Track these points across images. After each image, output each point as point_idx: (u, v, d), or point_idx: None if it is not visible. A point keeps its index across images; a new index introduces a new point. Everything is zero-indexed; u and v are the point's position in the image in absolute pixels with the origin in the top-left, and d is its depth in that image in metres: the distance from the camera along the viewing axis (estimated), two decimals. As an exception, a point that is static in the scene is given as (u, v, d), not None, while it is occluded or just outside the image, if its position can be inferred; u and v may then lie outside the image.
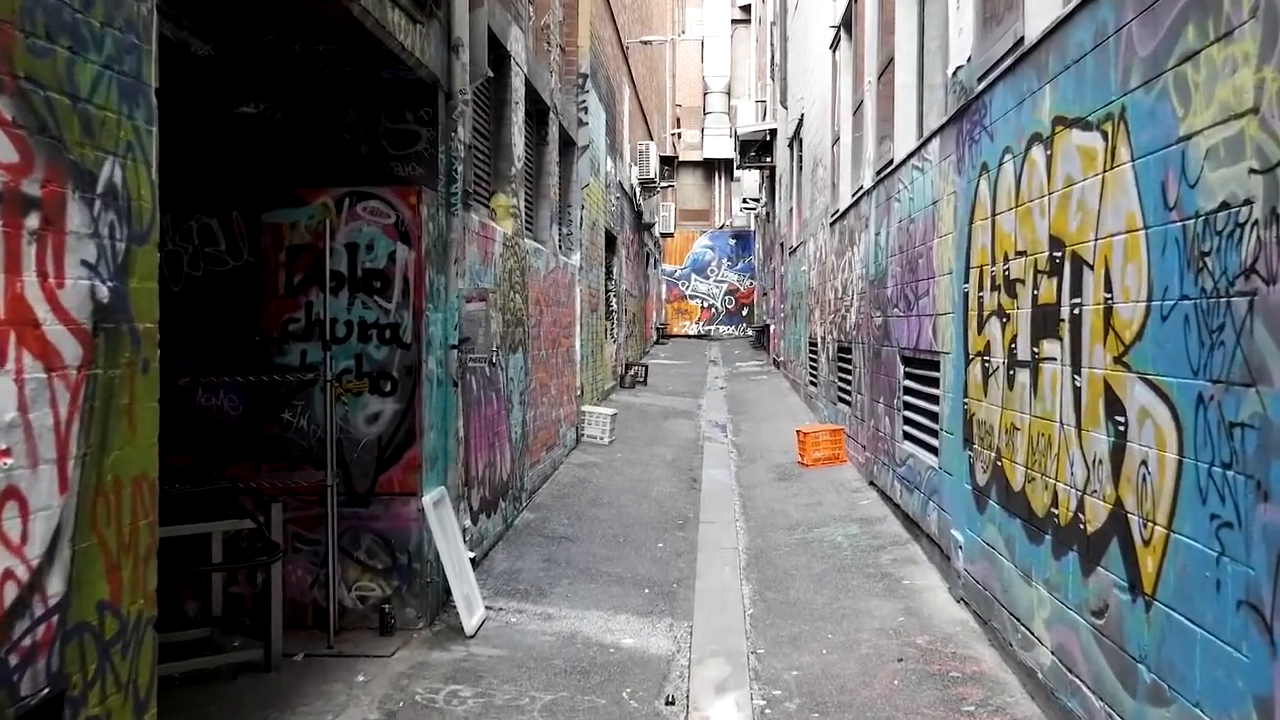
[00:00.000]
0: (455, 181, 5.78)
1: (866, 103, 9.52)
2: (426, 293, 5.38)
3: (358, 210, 5.30)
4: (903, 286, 7.62)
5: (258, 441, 5.31)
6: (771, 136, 22.76)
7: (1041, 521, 4.38)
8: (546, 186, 9.41)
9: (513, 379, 7.70)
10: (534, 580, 6.40)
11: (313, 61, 5.06)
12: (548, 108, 9.32)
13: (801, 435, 10.50)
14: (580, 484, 9.45)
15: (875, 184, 8.91)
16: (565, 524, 7.89)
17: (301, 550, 5.32)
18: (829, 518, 8.08)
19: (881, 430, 8.51)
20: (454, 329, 5.82)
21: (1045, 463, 4.34)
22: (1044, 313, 4.36)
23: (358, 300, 5.30)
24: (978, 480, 5.44)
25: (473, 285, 6.31)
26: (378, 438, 5.31)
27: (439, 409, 5.63)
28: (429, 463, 5.45)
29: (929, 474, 6.71)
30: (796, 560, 6.90)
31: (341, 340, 5.29)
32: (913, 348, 7.26)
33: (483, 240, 6.65)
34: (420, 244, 5.31)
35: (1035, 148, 4.49)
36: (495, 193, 7.55)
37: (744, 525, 8.02)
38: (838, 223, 11.68)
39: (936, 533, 6.43)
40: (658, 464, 10.69)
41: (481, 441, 6.67)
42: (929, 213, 6.73)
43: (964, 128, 5.76)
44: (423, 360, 5.33)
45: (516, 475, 7.86)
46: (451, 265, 5.77)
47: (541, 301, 9.07)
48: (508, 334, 7.48)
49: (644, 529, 7.87)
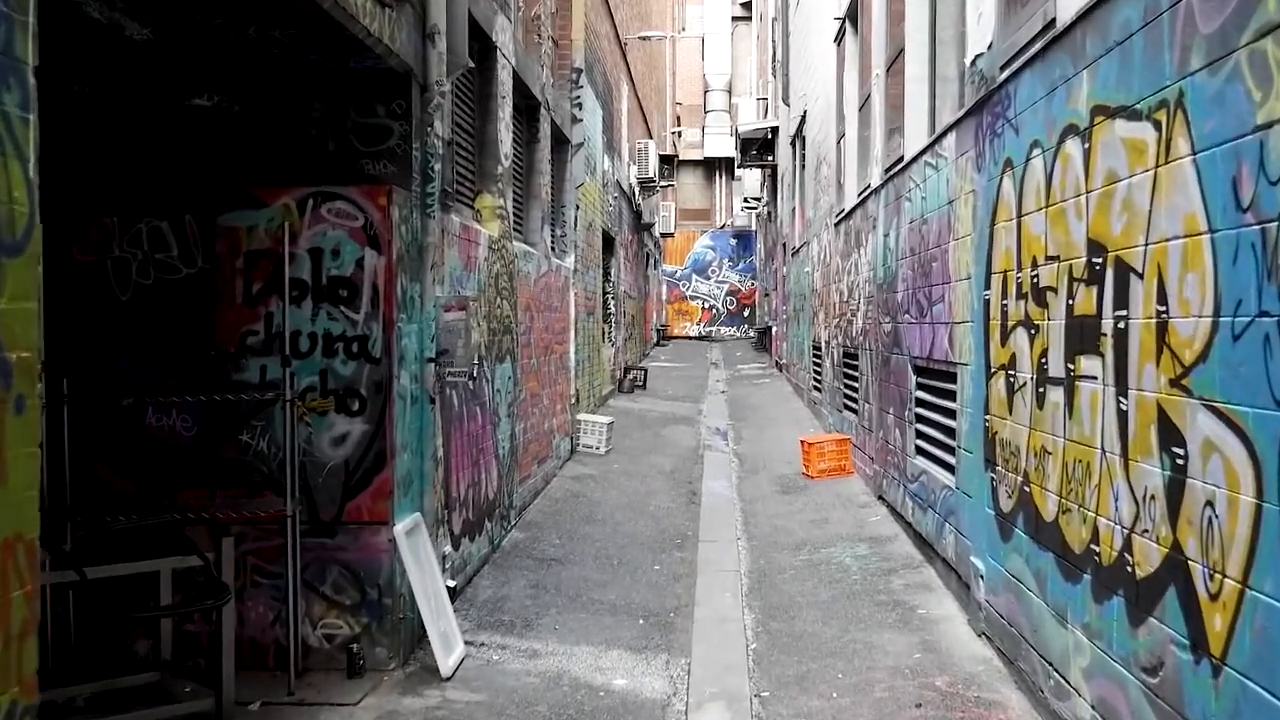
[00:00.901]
0: (432, 180, 5.33)
1: (874, 97, 9.06)
2: (398, 302, 4.93)
3: (322, 212, 4.84)
4: (914, 291, 7.16)
5: (213, 466, 4.86)
6: (773, 134, 22.29)
7: (1079, 559, 3.91)
8: (537, 186, 8.95)
9: (500, 391, 7.24)
10: (520, 610, 5.94)
11: (269, 49, 4.60)
12: (538, 103, 8.86)
13: (806, 446, 10.03)
14: (574, 499, 8.99)
15: (884, 182, 8.45)
16: (556, 544, 7.43)
17: (262, 585, 4.87)
18: (836, 536, 7.62)
19: (891, 443, 8.05)
20: (431, 341, 5.36)
21: (1083, 493, 3.88)
22: (1081, 325, 3.90)
23: (322, 311, 4.84)
24: (1002, 505, 4.98)
25: (453, 293, 5.85)
26: (345, 461, 4.85)
27: (413, 428, 5.17)
28: (402, 488, 4.99)
29: (944, 493, 6.24)
30: (802, 585, 6.44)
31: (305, 355, 4.84)
32: (926, 357, 6.79)
33: (465, 244, 6.20)
34: (391, 248, 4.85)
35: (1069, 141, 4.02)
36: (480, 193, 7.09)
37: (746, 544, 7.56)
38: (843, 223, 11.21)
39: (953, 557, 5.97)
40: (656, 476, 10.23)
41: (464, 460, 6.21)
42: (944, 213, 6.27)
43: (984, 121, 5.29)
44: (394, 376, 4.87)
45: (504, 493, 7.40)
46: (428, 271, 5.31)
47: (532, 307, 8.62)
48: (493, 343, 7.02)
49: (640, 549, 7.42)
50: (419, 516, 5.15)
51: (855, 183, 10.51)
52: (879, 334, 8.69)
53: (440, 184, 5.53)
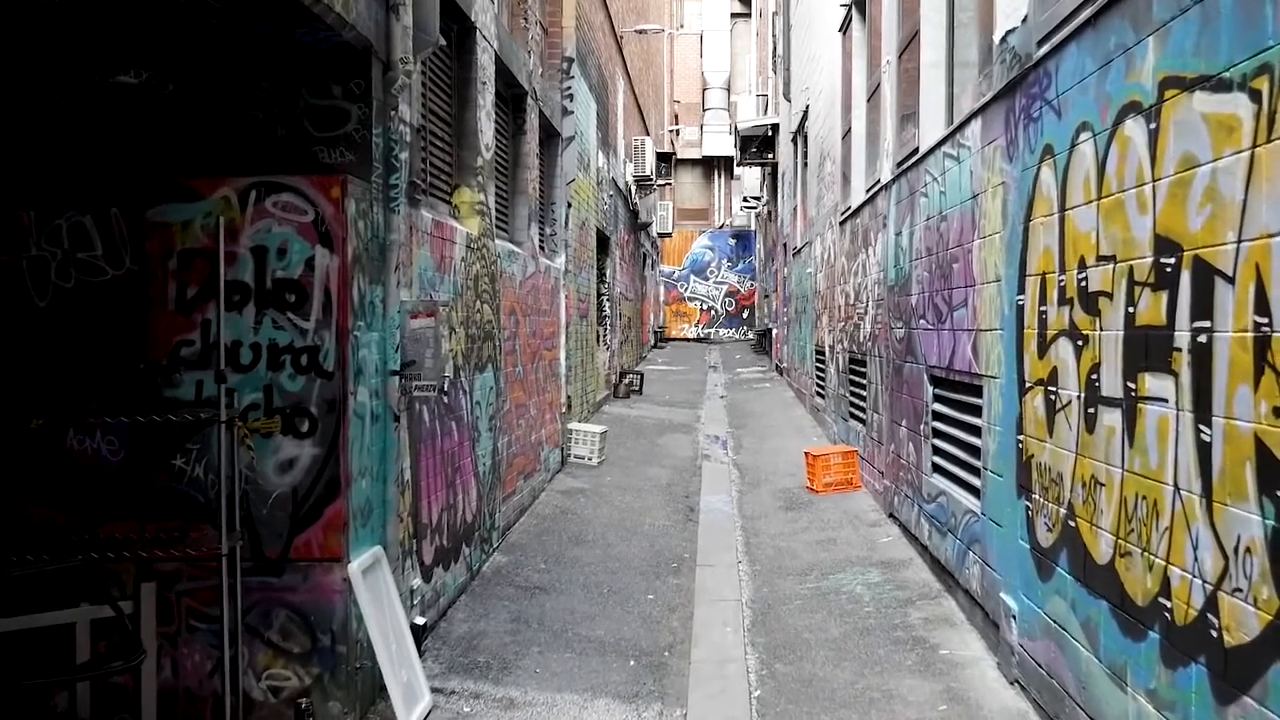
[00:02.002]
0: (396, 170, 4.74)
1: (884, 87, 8.47)
2: (355, 307, 4.34)
3: (267, 206, 4.25)
4: (931, 295, 6.57)
5: (143, 495, 4.26)
6: (774, 132, 21.71)
7: (1142, 612, 3.33)
8: (524, 181, 8.36)
9: (480, 403, 6.64)
10: (498, 649, 5.34)
11: (206, 19, 4.01)
12: (525, 92, 8.27)
13: (811, 458, 9.44)
14: (562, 516, 8.40)
15: (895, 177, 7.86)
16: (542, 569, 6.84)
17: (199, 630, 4.27)
18: (846, 560, 7.03)
19: (905, 458, 7.46)
20: (395, 351, 4.77)
21: (1148, 535, 3.30)
22: (1146, 338, 3.32)
23: (267, 318, 4.25)
24: (1039, 539, 4.39)
25: (423, 297, 5.26)
26: (292, 490, 4.26)
27: (374, 450, 4.58)
28: (359, 518, 4.40)
29: (968, 519, 5.66)
30: (810, 618, 5.85)
31: (246, 368, 4.24)
32: (945, 367, 6.21)
33: (438, 242, 5.60)
34: (346, 246, 4.26)
35: (1130, 121, 3.44)
36: (458, 187, 6.50)
37: (748, 569, 6.97)
38: (849, 221, 10.63)
39: (979, 591, 5.38)
40: (651, 489, 9.64)
41: (436, 482, 5.62)
42: (967, 209, 5.69)
43: (1018, 104, 4.71)
44: (349, 391, 4.28)
45: (485, 514, 6.81)
46: (392, 273, 4.72)
47: (518, 311, 8.03)
48: (472, 351, 6.43)
49: (632, 574, 6.82)
50: (380, 550, 4.56)
51: (863, 179, 9.92)
52: (890, 340, 8.10)
53: (407, 175, 4.94)
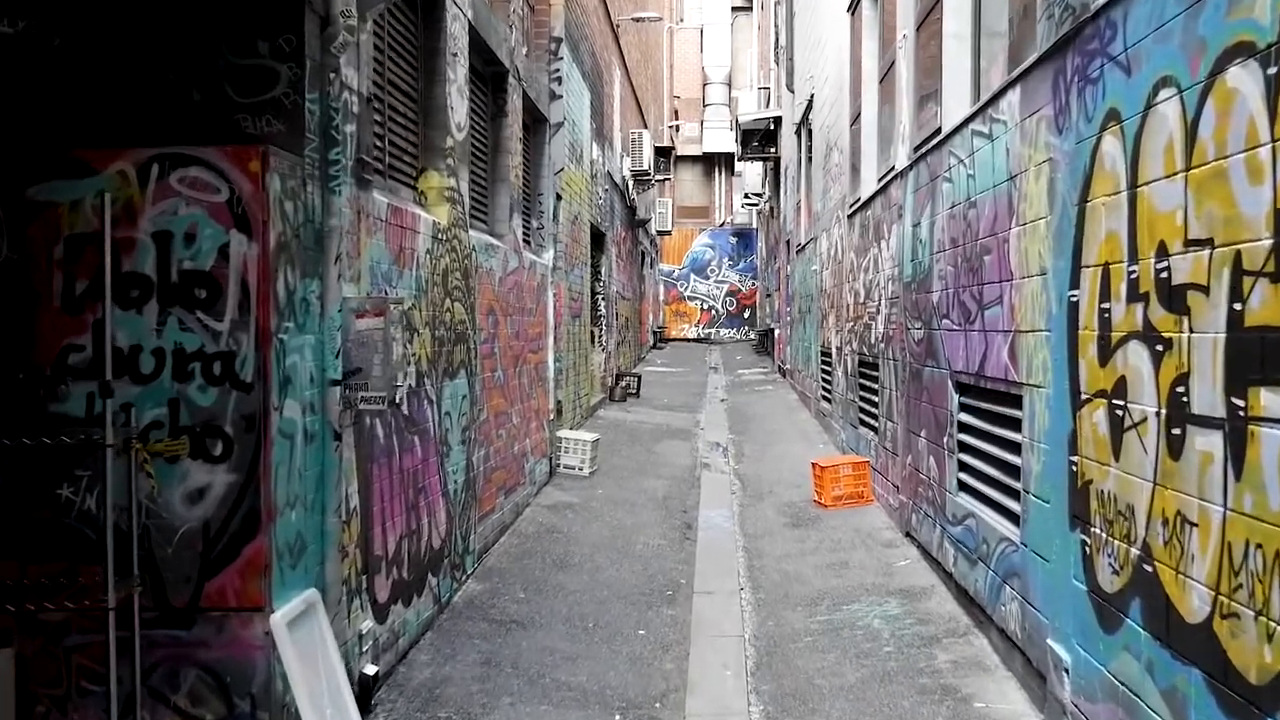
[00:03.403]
0: (338, 145, 4.02)
1: (899, 65, 7.75)
2: (280, 305, 3.62)
3: (172, 182, 3.53)
4: (957, 292, 5.85)
5: (23, 530, 3.54)
6: (776, 125, 20.98)
7: (1258, 693, 2.61)
8: (505, 168, 7.64)
9: (450, 413, 5.92)
10: (463, 700, 4.63)
11: (94, -47, 3.29)
12: (506, 70, 7.55)
13: (819, 469, 8.71)
14: (548, 535, 7.68)
15: (913, 162, 7.14)
16: (520, 599, 6.12)
17: (93, 692, 3.56)
18: (860, 587, 6.30)
19: (925, 472, 6.74)
20: (335, 357, 4.05)
21: (1265, 595, 2.58)
22: (1262, 341, 2.60)
23: (172, 318, 3.53)
24: (1101, 581, 3.67)
25: (376, 292, 4.54)
26: (204, 525, 3.54)
27: (308, 474, 3.86)
28: (287, 557, 3.68)
29: (1004, 547, 4.94)
30: (822, 659, 5.14)
31: (147, 378, 3.53)
32: (974, 373, 5.48)
33: (396, 230, 4.89)
34: (268, 231, 3.55)
35: (1236, 69, 2.72)
36: (425, 170, 5.78)
37: (750, 597, 6.25)
38: (859, 214, 9.90)
39: (1018, 632, 4.66)
40: (645, 504, 8.92)
41: (394, 506, 4.90)
42: (1001, 192, 4.97)
43: (1070, 65, 3.99)
44: (273, 406, 3.56)
45: (456, 537, 6.09)
46: (332, 264, 4.00)
47: (498, 310, 7.31)
48: (440, 355, 5.71)
49: (622, 605, 6.10)
50: (314, 594, 3.84)
51: (874, 167, 9.20)
52: (906, 342, 7.38)
53: (353, 151, 4.23)
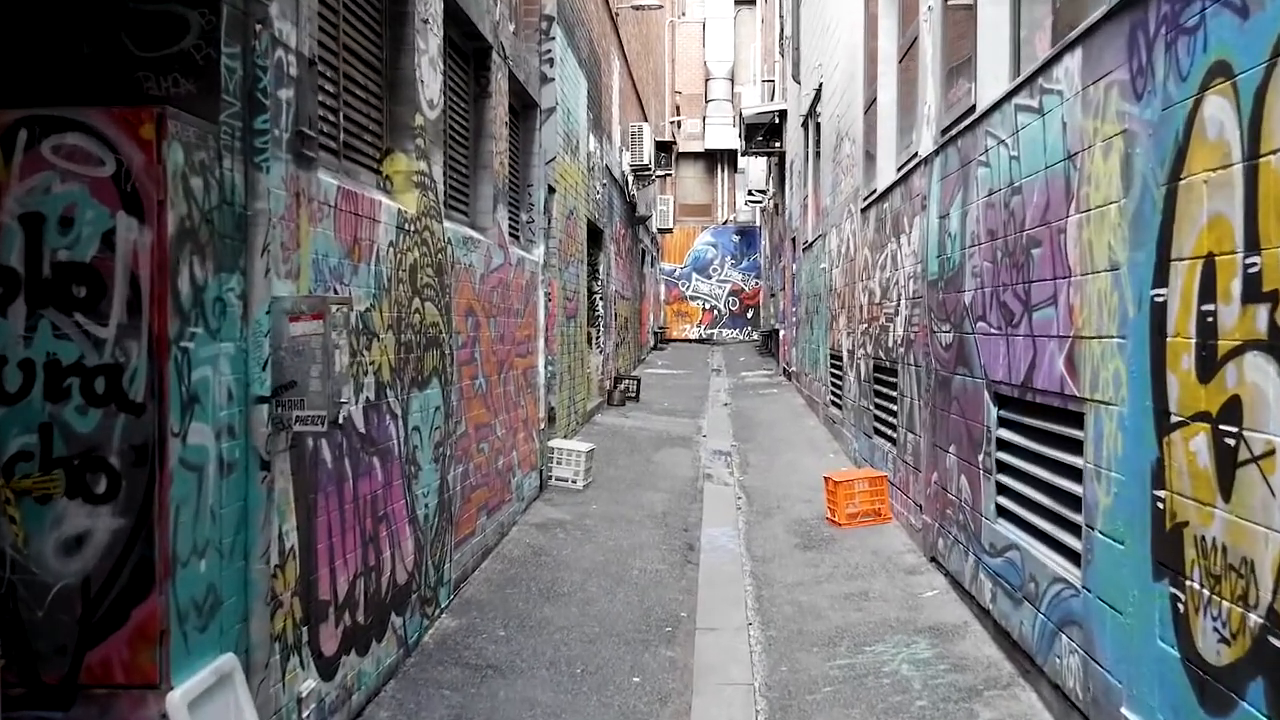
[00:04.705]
0: (265, 112, 3.32)
1: (923, 40, 7.04)
2: (183, 306, 2.92)
3: (45, 152, 2.83)
4: (996, 291, 5.15)
5: None
6: (781, 119, 20.27)
7: None
8: (488, 154, 6.93)
9: (419, 429, 5.22)
10: (424, 771, 3.93)
11: None
12: (489, 46, 6.84)
13: (832, 484, 8.01)
14: (535, 559, 6.97)
15: (940, 147, 6.43)
16: (500, 638, 5.41)
17: (-53, 788, 2.86)
18: (883, 624, 5.59)
19: (954, 492, 6.03)
20: (262, 369, 3.35)
21: None
22: None
23: (44, 322, 2.83)
24: (1202, 649, 2.97)
25: (322, 290, 3.84)
26: (83, 582, 2.84)
27: (227, 513, 3.16)
28: (192, 618, 2.98)
29: (1059, 590, 4.23)
30: (846, 716, 4.43)
31: (14, 398, 2.83)
32: (1019, 384, 4.78)
33: (349, 218, 4.18)
34: (165, 214, 2.84)
35: None
36: (390, 152, 5.08)
37: (760, 634, 5.54)
38: (874, 207, 9.19)
39: (1079, 692, 3.95)
40: (644, 521, 8.21)
41: (347, 540, 4.19)
42: (1056, 174, 4.26)
43: (1154, 14, 3.29)
44: (171, 432, 2.86)
45: (427, 568, 5.38)
46: (258, 256, 3.30)
47: (479, 310, 6.60)
48: (407, 362, 5.01)
49: (615, 643, 5.40)
50: (231, 660, 3.13)
51: (892, 156, 8.49)
52: (931, 346, 6.67)
53: (290, 121, 3.53)
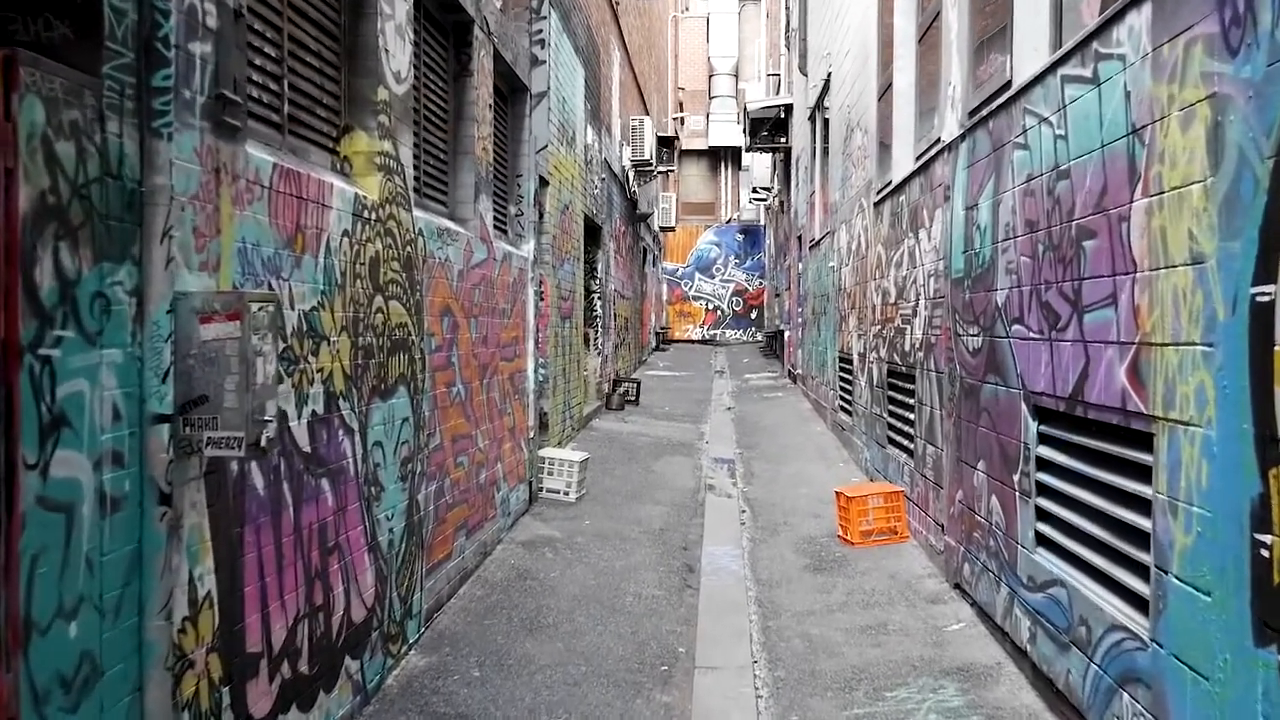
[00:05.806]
0: (166, 66, 2.71)
1: (947, 16, 6.42)
2: (44, 303, 2.31)
3: None
4: (1036, 289, 4.53)
5: None
6: (786, 114, 19.66)
7: None
8: (469, 138, 6.32)
9: (381, 443, 4.61)
10: None
11: None
12: (471, 20, 6.23)
13: (844, 499, 7.39)
14: (519, 583, 6.36)
15: (967, 130, 5.81)
16: (474, 679, 4.80)
17: None
18: (905, 663, 4.98)
19: (983, 515, 5.41)
20: (162, 381, 2.74)
21: None
22: None
23: None
24: (1330, 742, 2.35)
25: (247, 286, 3.23)
26: (-93, 653, 2.23)
27: (109, 561, 2.55)
28: (57, 697, 2.37)
29: (1119, 638, 3.61)
30: (866, 782, 3.82)
31: None
32: (1066, 396, 4.16)
33: (288, 201, 3.58)
34: (15, 187, 2.24)
35: None
36: (350, 130, 4.47)
37: (767, 674, 4.93)
38: (888, 200, 8.58)
39: (1147, 764, 3.33)
40: (640, 538, 7.60)
41: (285, 579, 3.58)
42: (1116, 153, 3.64)
43: (1259, -53, 2.67)
44: (23, 463, 2.25)
45: (391, 601, 4.77)
46: (157, 243, 2.70)
47: (457, 310, 5.99)
48: (367, 369, 4.40)
49: (603, 686, 4.79)
50: (113, 744, 2.53)
51: (910, 144, 7.87)
52: (956, 351, 6.05)
53: (207, 82, 2.92)
